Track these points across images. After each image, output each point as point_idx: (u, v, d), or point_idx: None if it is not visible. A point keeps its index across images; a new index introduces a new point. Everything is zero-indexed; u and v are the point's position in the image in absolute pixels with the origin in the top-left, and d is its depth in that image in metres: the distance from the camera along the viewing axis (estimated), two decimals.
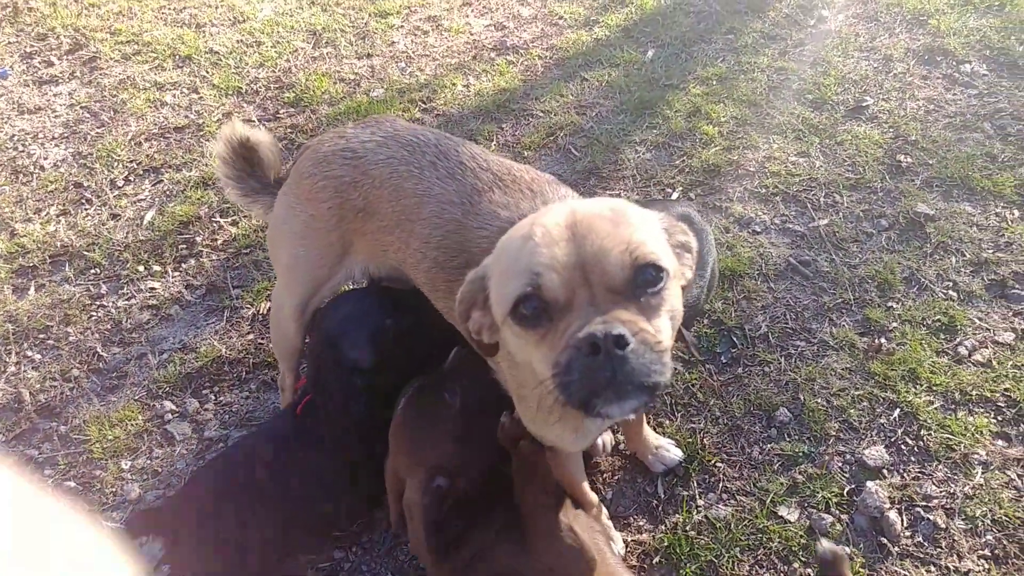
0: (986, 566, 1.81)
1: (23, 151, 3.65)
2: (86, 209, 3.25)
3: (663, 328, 1.18)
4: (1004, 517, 1.89)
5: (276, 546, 1.90)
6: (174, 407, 2.44)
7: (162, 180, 3.36)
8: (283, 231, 1.97)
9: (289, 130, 3.53)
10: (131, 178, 3.41)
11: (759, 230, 2.77)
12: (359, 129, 1.89)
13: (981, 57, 3.45)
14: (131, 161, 3.48)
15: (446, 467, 1.65)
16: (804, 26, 3.87)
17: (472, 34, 4.11)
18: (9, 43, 4.46)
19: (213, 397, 2.46)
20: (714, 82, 3.52)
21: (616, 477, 2.09)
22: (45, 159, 3.57)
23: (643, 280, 1.16)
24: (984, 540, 1.86)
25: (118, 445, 2.34)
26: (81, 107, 3.89)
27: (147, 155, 3.50)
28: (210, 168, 3.34)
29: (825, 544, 1.72)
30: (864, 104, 3.28)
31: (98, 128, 3.73)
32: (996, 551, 1.83)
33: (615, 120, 3.35)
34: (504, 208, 1.58)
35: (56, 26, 4.42)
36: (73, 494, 2.22)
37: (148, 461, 2.30)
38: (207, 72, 4.02)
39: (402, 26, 4.23)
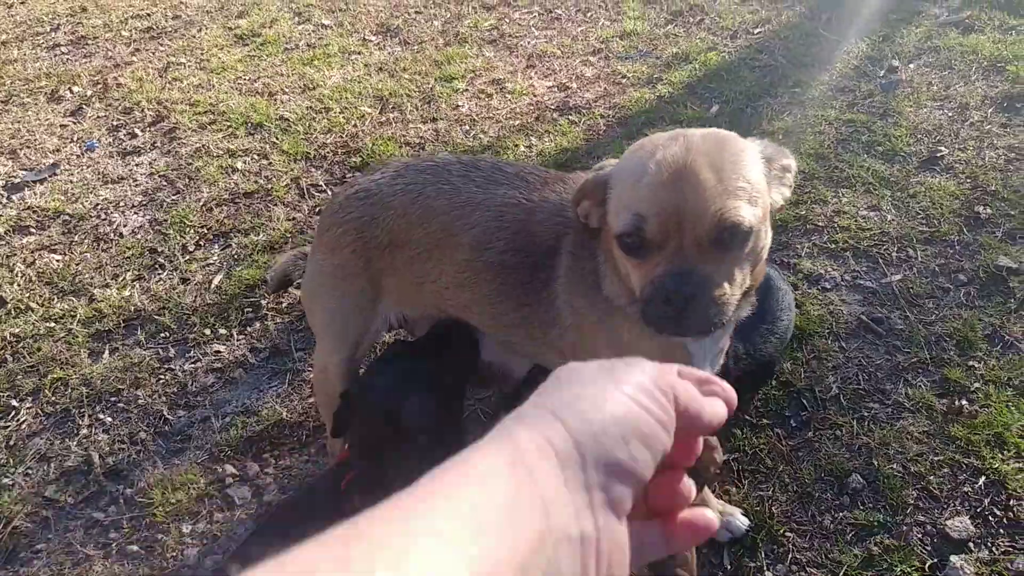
0: None
1: (105, 219, 3.87)
2: (159, 274, 3.41)
3: (736, 275, 1.36)
4: None
5: None
6: (235, 471, 2.50)
7: (230, 245, 3.50)
8: (314, 290, 2.03)
9: None
10: (201, 243, 3.57)
11: (829, 287, 2.71)
12: (369, 174, 1.96)
13: None
14: (202, 226, 3.65)
15: None
16: (874, 77, 3.84)
17: (535, 95, 4.21)
18: (98, 117, 4.78)
19: (273, 461, 2.52)
20: (780, 136, 3.50)
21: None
22: (124, 226, 3.78)
23: (727, 238, 1.32)
24: None
25: (180, 509, 2.40)
26: (160, 176, 4.11)
27: (217, 220, 3.67)
28: (277, 232, 3.48)
29: None
30: (939, 154, 3.21)
31: (174, 195, 3.93)
32: None
33: None
34: (557, 196, 1.67)
35: (141, 100, 4.72)
36: (136, 558, 2.28)
37: (208, 525, 2.36)
38: (277, 139, 4.21)
39: (467, 90, 4.36)
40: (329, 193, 3.74)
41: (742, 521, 2.04)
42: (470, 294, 1.79)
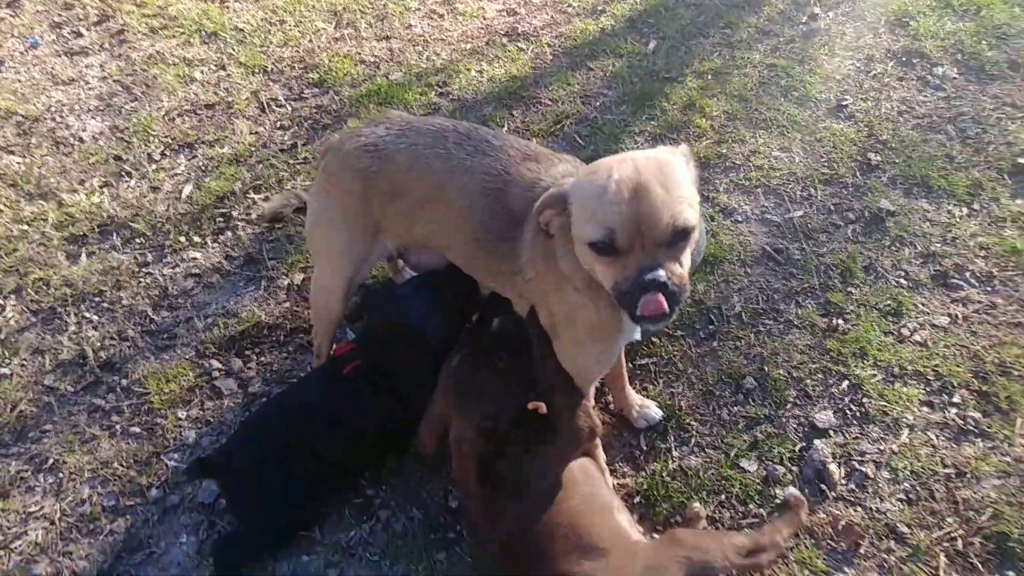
0: (900, 506, 2.31)
1: (61, 122, 4.06)
2: (127, 182, 3.67)
3: (686, 262, 1.73)
4: (920, 469, 2.38)
5: (320, 481, 2.38)
6: (220, 365, 2.89)
7: (196, 156, 3.78)
8: (320, 224, 2.40)
9: (314, 111, 3.95)
10: (167, 152, 3.82)
11: (740, 220, 3.22)
12: (373, 127, 2.30)
13: (953, 61, 3.88)
14: (166, 136, 3.89)
15: (492, 414, 2.12)
16: (796, 22, 4.28)
17: (485, 19, 4.50)
18: (38, 12, 4.84)
19: (255, 357, 2.92)
20: (709, 76, 3.94)
21: (606, 432, 2.56)
22: (83, 131, 3.98)
23: (679, 238, 1.69)
24: (902, 487, 2.35)
25: (174, 397, 2.79)
26: (113, 80, 4.28)
27: (181, 131, 3.91)
28: (242, 146, 3.77)
29: (791, 489, 2.26)
30: (844, 103, 3.71)
31: (132, 102, 4.13)
32: (910, 495, 2.33)
33: (617, 111, 3.78)
34: (544, 174, 2.04)
35: None
36: (139, 438, 2.69)
37: (201, 412, 2.76)
38: (233, 50, 4.41)
39: (419, 9, 4.62)
40: (289, 108, 4.02)
41: (656, 412, 2.57)
42: (453, 241, 2.21)
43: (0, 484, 2.57)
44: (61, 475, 2.59)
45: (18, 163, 3.78)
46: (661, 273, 1.65)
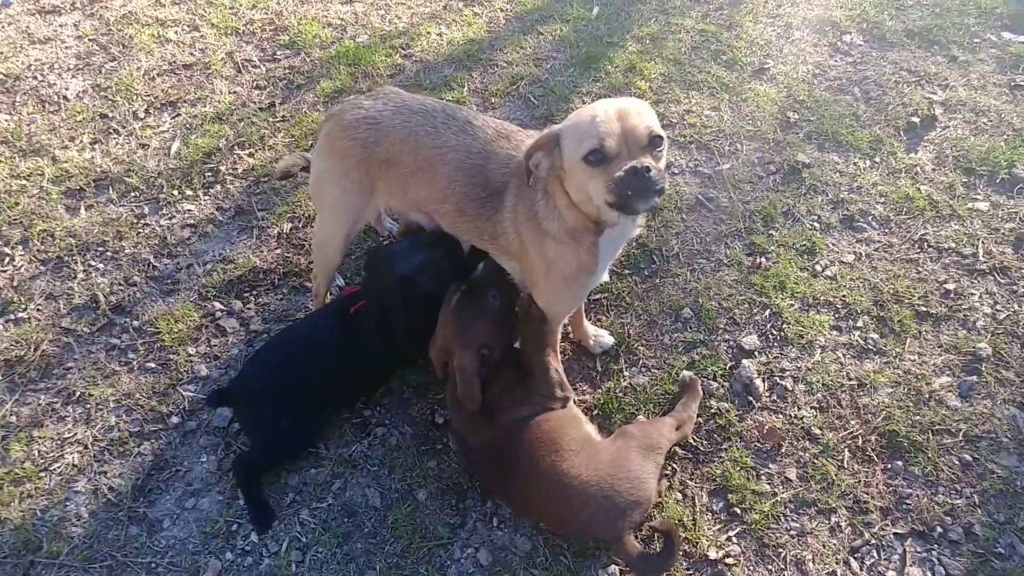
0: (814, 413, 2.64)
1: (43, 80, 4.04)
2: (115, 139, 3.72)
3: (663, 166, 2.00)
4: (830, 382, 2.72)
5: (323, 405, 2.59)
6: (222, 307, 3.05)
7: (180, 114, 3.83)
8: (323, 182, 2.56)
9: (287, 71, 4.02)
10: (151, 111, 3.87)
11: (676, 172, 3.47)
12: (372, 100, 2.47)
13: (859, 29, 4.16)
14: (148, 95, 3.92)
15: (488, 342, 2.35)
16: None
17: None
18: None
19: (253, 299, 3.08)
20: (647, 41, 4.14)
21: (567, 357, 2.82)
22: (67, 89, 3.98)
23: (654, 143, 1.96)
24: (815, 397, 2.69)
25: (183, 336, 2.94)
26: (89, 39, 4.26)
27: (162, 90, 3.95)
28: (223, 104, 3.83)
29: (684, 373, 2.66)
30: (767, 66, 3.97)
31: (111, 62, 4.13)
32: (822, 403, 2.66)
33: (566, 73, 3.96)
34: (516, 151, 2.26)
35: None
36: (155, 372, 2.84)
37: (208, 348, 2.93)
38: (204, 11, 4.41)
39: None
40: (263, 69, 4.08)
41: (609, 339, 2.84)
42: (440, 207, 2.40)
43: (33, 414, 2.71)
44: (88, 406, 2.73)
45: (6, 120, 3.78)
46: (646, 160, 1.93)
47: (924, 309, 2.92)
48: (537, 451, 2.22)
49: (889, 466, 2.52)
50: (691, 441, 2.58)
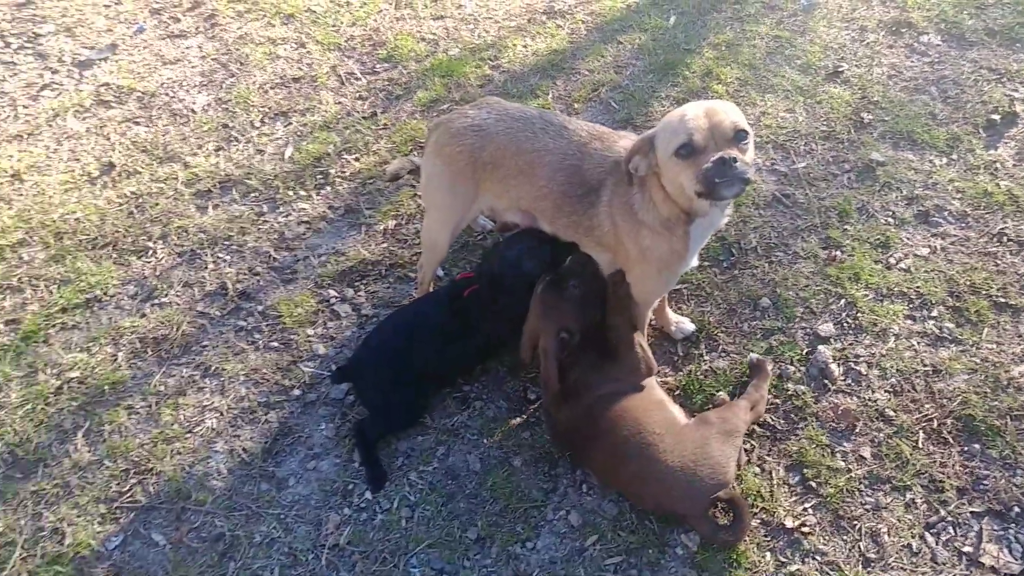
0: (888, 396, 2.72)
1: (174, 96, 4.41)
2: (236, 145, 4.04)
3: (749, 158, 2.14)
4: (904, 368, 2.79)
5: (433, 379, 2.81)
6: (336, 294, 3.30)
7: (291, 123, 4.14)
8: (433, 185, 2.78)
9: (386, 83, 4.29)
10: (266, 120, 4.18)
11: (754, 170, 3.58)
12: (477, 109, 2.69)
13: (937, 29, 4.17)
14: (263, 106, 4.25)
15: (568, 326, 2.54)
16: None
17: None
18: (136, 0, 5.15)
19: (363, 287, 3.32)
20: (723, 47, 4.25)
21: (650, 342, 2.97)
22: (194, 103, 4.34)
23: (739, 136, 2.12)
24: (889, 381, 2.76)
25: (302, 319, 3.21)
26: (211, 59, 4.62)
27: (275, 101, 4.27)
28: (329, 114, 4.12)
29: (752, 355, 2.77)
30: (840, 69, 4.03)
31: (230, 78, 4.47)
32: (896, 388, 2.74)
33: (645, 79, 4.11)
34: (609, 151, 2.44)
35: None
36: (278, 350, 3.11)
37: (325, 330, 3.18)
38: (309, 30, 4.73)
39: None
40: (364, 81, 4.35)
41: (690, 325, 2.98)
42: (539, 205, 2.60)
43: (177, 385, 3.01)
44: (222, 379, 3.02)
45: (145, 132, 4.16)
46: (732, 152, 2.09)
47: (1003, 300, 2.96)
48: (623, 433, 2.38)
49: (965, 448, 2.58)
50: (768, 420, 2.70)
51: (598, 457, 2.49)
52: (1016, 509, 2.42)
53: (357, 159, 3.86)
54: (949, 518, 2.43)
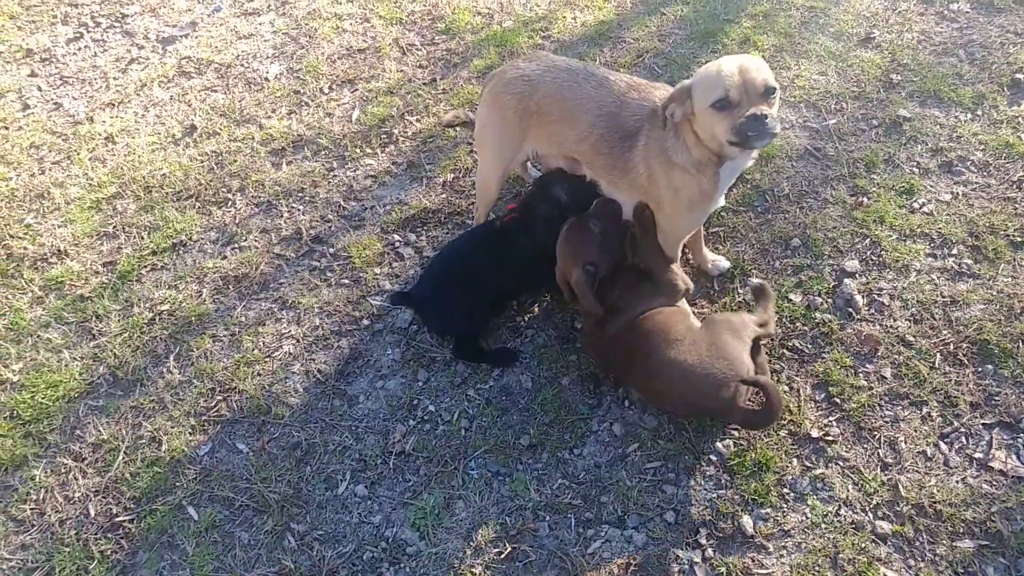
0: (908, 324, 2.88)
1: (248, 67, 4.70)
2: (307, 109, 4.32)
3: (775, 112, 2.31)
4: (924, 299, 2.94)
5: (483, 305, 3.03)
6: (400, 238, 3.55)
7: (357, 89, 4.40)
8: (486, 130, 2.99)
9: (445, 52, 4.52)
10: (334, 87, 4.45)
11: (787, 127, 3.73)
12: (527, 62, 2.89)
13: None
14: (331, 75, 4.51)
15: (593, 261, 2.75)
16: None
17: None
18: None
19: (424, 232, 3.56)
20: (760, 18, 4.40)
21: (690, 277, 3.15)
22: (267, 73, 4.62)
23: (768, 91, 2.29)
24: (910, 311, 2.92)
25: (369, 260, 3.46)
26: (283, 33, 4.90)
27: (342, 70, 4.53)
28: (392, 80, 4.37)
29: (752, 280, 2.94)
30: (872, 36, 4.15)
31: (300, 49, 4.75)
32: (915, 316, 2.89)
33: (687, 46, 4.27)
34: (646, 101, 2.62)
35: None
36: (348, 286, 3.37)
37: (390, 269, 3.43)
38: (373, 5, 4.98)
39: None
40: (424, 52, 4.59)
41: (725, 263, 3.16)
42: (580, 147, 2.79)
43: (257, 317, 3.29)
44: (298, 311, 3.29)
45: (223, 98, 4.45)
46: (763, 108, 2.28)
47: (1020, 239, 3.08)
48: (653, 342, 2.58)
49: (979, 369, 2.73)
50: (797, 345, 2.87)
51: (635, 371, 2.69)
52: None
53: (418, 120, 4.10)
54: (962, 429, 2.59)
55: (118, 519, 2.70)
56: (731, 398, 2.47)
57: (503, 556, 2.48)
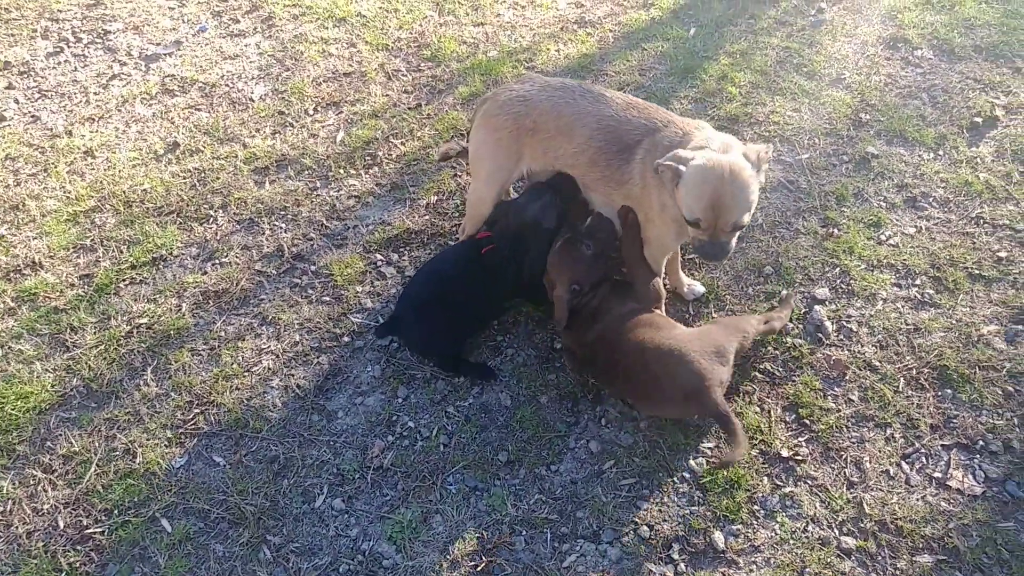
0: (875, 349, 3.05)
1: (233, 87, 4.83)
2: (291, 130, 4.44)
3: (734, 240, 2.57)
4: (889, 326, 3.12)
5: (464, 326, 3.15)
6: (382, 258, 3.67)
7: (342, 111, 4.54)
8: (481, 152, 3.13)
9: (430, 79, 4.69)
10: (319, 109, 4.59)
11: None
12: (520, 84, 3.06)
13: (930, 45, 4.55)
14: (316, 97, 4.65)
15: (579, 280, 2.89)
16: (807, 15, 4.96)
17: (558, 10, 5.22)
18: (200, 2, 5.60)
19: (407, 252, 3.69)
20: (737, 55, 4.64)
21: (664, 303, 3.31)
22: (252, 93, 4.75)
23: (736, 229, 2.51)
24: (876, 337, 3.09)
25: (351, 278, 3.57)
26: (269, 55, 5.04)
27: (327, 93, 4.67)
28: (377, 104, 4.53)
29: (785, 291, 3.12)
30: (843, 77, 4.41)
31: (285, 72, 4.89)
32: (880, 342, 3.07)
33: (666, 80, 4.49)
34: (645, 119, 2.79)
35: None
36: (329, 303, 3.47)
37: (372, 287, 3.54)
38: (360, 32, 5.15)
39: (505, 1, 5.34)
40: (410, 77, 4.76)
41: (701, 288, 3.32)
42: (576, 161, 2.94)
43: (237, 331, 3.37)
44: (278, 327, 3.38)
45: (207, 117, 4.57)
46: (723, 242, 2.53)
47: (977, 272, 3.29)
48: (637, 331, 2.73)
49: (939, 393, 2.91)
50: (768, 368, 3.03)
51: (618, 367, 2.78)
52: (980, 442, 2.74)
53: (403, 143, 4.25)
54: (923, 450, 2.75)
55: (88, 531, 2.73)
56: (706, 388, 2.58)
57: (479, 569, 2.57)
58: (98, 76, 4.92)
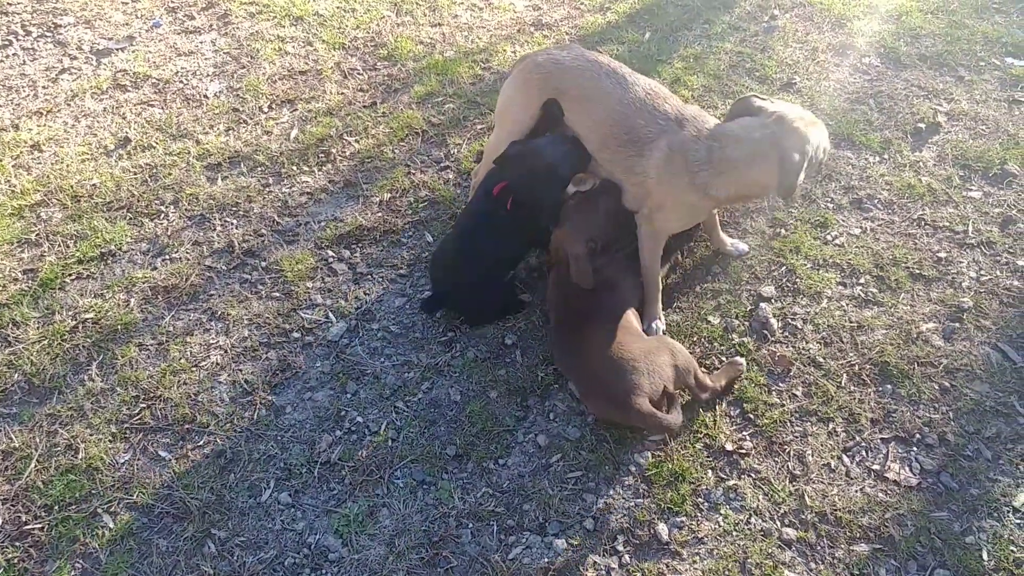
0: (819, 346, 3.13)
1: (187, 84, 4.79)
2: (245, 127, 4.42)
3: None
4: (834, 324, 3.20)
5: (484, 271, 3.17)
6: (334, 254, 3.66)
7: (297, 109, 4.53)
8: (510, 104, 3.24)
9: (386, 78, 4.70)
10: (273, 106, 4.57)
11: None
12: (559, 50, 3.16)
13: (877, 53, 4.69)
14: (271, 94, 4.64)
15: (594, 236, 2.97)
16: (760, 21, 5.07)
17: (516, 12, 5.27)
18: None
19: (359, 249, 3.69)
20: (691, 60, 4.73)
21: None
22: (207, 91, 4.72)
23: None
24: (821, 335, 3.17)
25: (301, 274, 3.56)
26: (224, 53, 5.01)
27: (282, 90, 4.66)
28: (332, 102, 4.52)
29: (736, 359, 3.03)
30: (794, 81, 4.51)
31: (240, 69, 4.86)
32: (825, 339, 3.15)
33: None
34: (657, 109, 2.89)
35: None
36: (279, 299, 3.46)
37: (323, 284, 3.53)
38: (317, 31, 5.15)
39: (463, 3, 5.37)
40: (366, 76, 4.76)
41: (744, 246, 3.50)
42: (589, 133, 3.04)
43: (185, 327, 3.34)
44: (227, 322, 3.36)
45: (160, 113, 4.53)
46: None
47: (918, 272, 3.39)
48: (606, 323, 2.83)
49: (880, 388, 2.99)
50: (715, 363, 3.08)
51: (582, 348, 2.83)
52: (917, 436, 2.82)
53: (357, 141, 4.25)
54: (863, 443, 2.83)
55: (27, 527, 2.69)
56: (636, 397, 2.65)
57: (425, 561, 2.58)
58: (47, 70, 4.85)
